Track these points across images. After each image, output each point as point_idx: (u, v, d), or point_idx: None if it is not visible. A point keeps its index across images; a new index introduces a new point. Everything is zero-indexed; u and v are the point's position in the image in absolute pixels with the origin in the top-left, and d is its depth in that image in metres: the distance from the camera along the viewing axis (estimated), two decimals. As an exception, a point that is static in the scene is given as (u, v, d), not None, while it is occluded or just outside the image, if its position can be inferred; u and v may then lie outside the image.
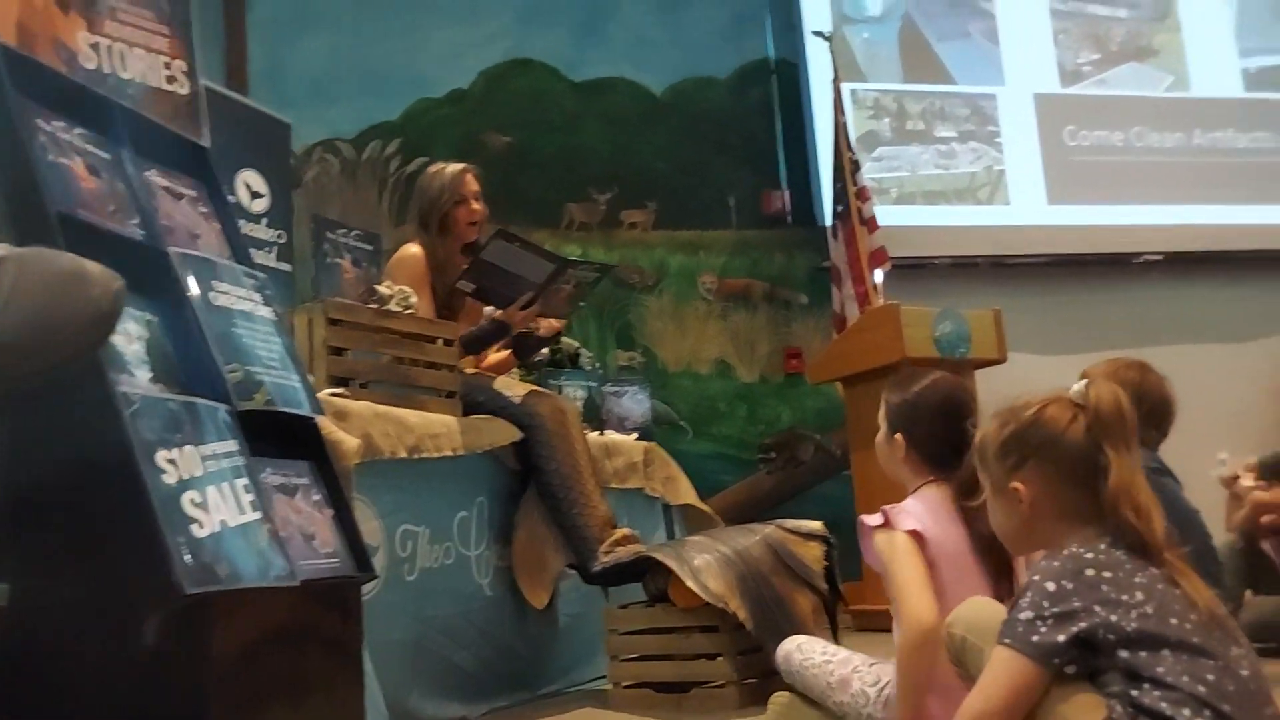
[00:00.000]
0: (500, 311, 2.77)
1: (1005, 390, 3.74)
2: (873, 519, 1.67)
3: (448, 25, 4.91)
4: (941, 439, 1.71)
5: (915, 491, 1.72)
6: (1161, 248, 5.32)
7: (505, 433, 2.60)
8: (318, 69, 4.69)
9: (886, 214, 4.60)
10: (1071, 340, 5.09)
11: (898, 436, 1.75)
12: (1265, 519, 2.74)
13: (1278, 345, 5.47)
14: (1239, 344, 5.41)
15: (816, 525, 2.55)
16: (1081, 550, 1.24)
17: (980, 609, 1.37)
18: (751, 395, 4.95)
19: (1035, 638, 1.18)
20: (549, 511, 2.64)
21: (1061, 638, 1.17)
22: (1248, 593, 2.78)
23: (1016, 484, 1.32)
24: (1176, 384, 5.12)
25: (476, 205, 2.89)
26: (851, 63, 5.08)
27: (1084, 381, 1.34)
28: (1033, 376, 4.29)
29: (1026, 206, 5.23)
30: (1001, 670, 1.20)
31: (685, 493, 3.32)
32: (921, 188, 5.14)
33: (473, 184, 2.90)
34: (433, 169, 2.95)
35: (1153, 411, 2.24)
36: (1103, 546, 1.24)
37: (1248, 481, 2.91)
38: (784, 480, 4.68)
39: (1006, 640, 1.20)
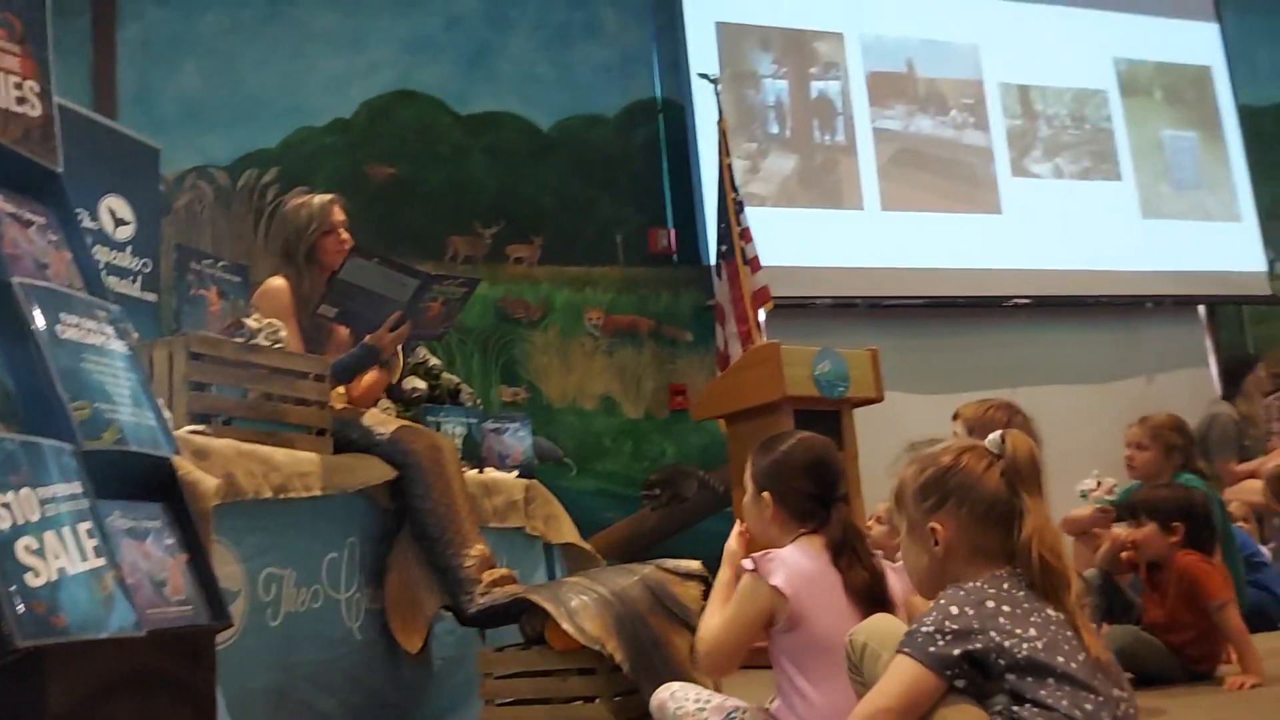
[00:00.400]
0: (369, 337, 2.70)
1: (882, 429, 3.86)
2: (748, 563, 1.68)
3: (332, 54, 4.83)
4: (811, 495, 1.74)
5: (794, 541, 1.73)
6: (1029, 292, 5.54)
7: (378, 471, 2.53)
8: (193, 93, 4.56)
9: (768, 253, 4.67)
10: (944, 380, 5.27)
11: (765, 495, 1.78)
12: (1124, 555, 2.85)
13: (1135, 386, 5.76)
14: (1099, 385, 5.68)
15: (695, 565, 2.55)
16: (987, 585, 1.33)
17: (884, 622, 1.46)
18: (637, 431, 4.95)
19: (932, 648, 1.26)
20: (424, 552, 2.57)
21: (956, 651, 1.25)
22: (1104, 625, 2.88)
23: (934, 524, 1.39)
24: (1042, 423, 5.32)
25: (345, 235, 2.83)
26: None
27: (999, 433, 1.42)
28: (908, 415, 4.45)
29: (904, 251, 5.39)
30: (899, 674, 1.28)
31: (567, 531, 3.29)
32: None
33: (340, 214, 2.85)
34: (296, 200, 2.89)
35: None
36: (1007, 585, 1.32)
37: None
38: (667, 517, 4.68)
39: (906, 649, 1.28)
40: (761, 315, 4.56)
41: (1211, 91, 6.35)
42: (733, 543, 1.85)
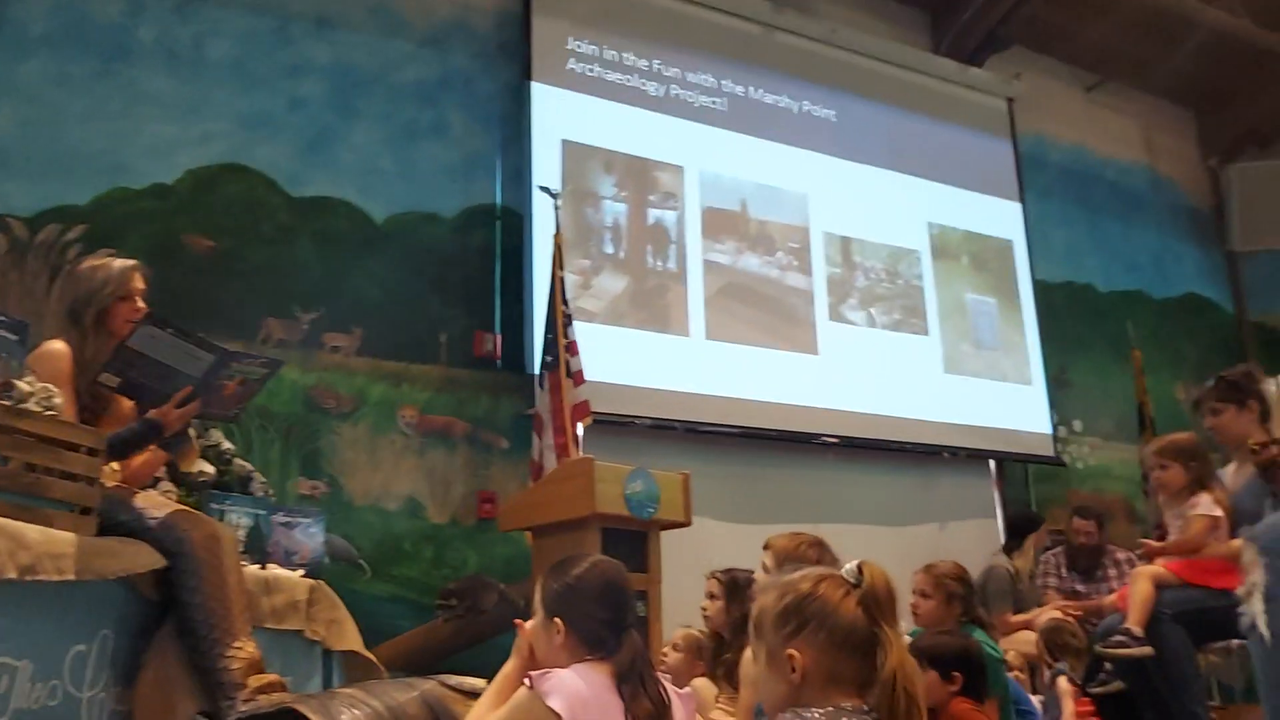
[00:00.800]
0: (152, 410, 2.52)
1: (687, 554, 3.85)
2: (529, 677, 1.62)
3: (162, 119, 4.64)
4: (603, 621, 1.71)
5: (574, 666, 1.68)
6: (838, 432, 5.75)
7: (145, 557, 2.33)
8: (1, 138, 4.27)
9: (592, 368, 4.68)
10: (752, 510, 5.37)
11: (556, 620, 1.73)
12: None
13: (928, 532, 6.02)
14: (896, 528, 5.91)
15: (480, 683, 2.43)
16: (842, 710, 1.33)
17: None
18: (440, 537, 4.78)
19: None
20: (187, 650, 2.37)
21: None
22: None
23: (792, 650, 1.38)
24: (841, 558, 5.42)
25: (141, 304, 2.68)
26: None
27: (855, 562, 1.44)
28: (713, 542, 4.48)
29: (724, 380, 5.52)
30: None
31: (350, 637, 3.10)
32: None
33: (139, 282, 2.71)
34: (95, 261, 2.74)
35: None
36: (865, 708, 1.34)
37: None
38: (463, 629, 4.50)
39: None
40: (580, 429, 4.54)
41: (1012, 263, 6.89)
42: (524, 639, 1.79)
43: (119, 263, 2.71)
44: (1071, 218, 7.50)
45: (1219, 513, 3.42)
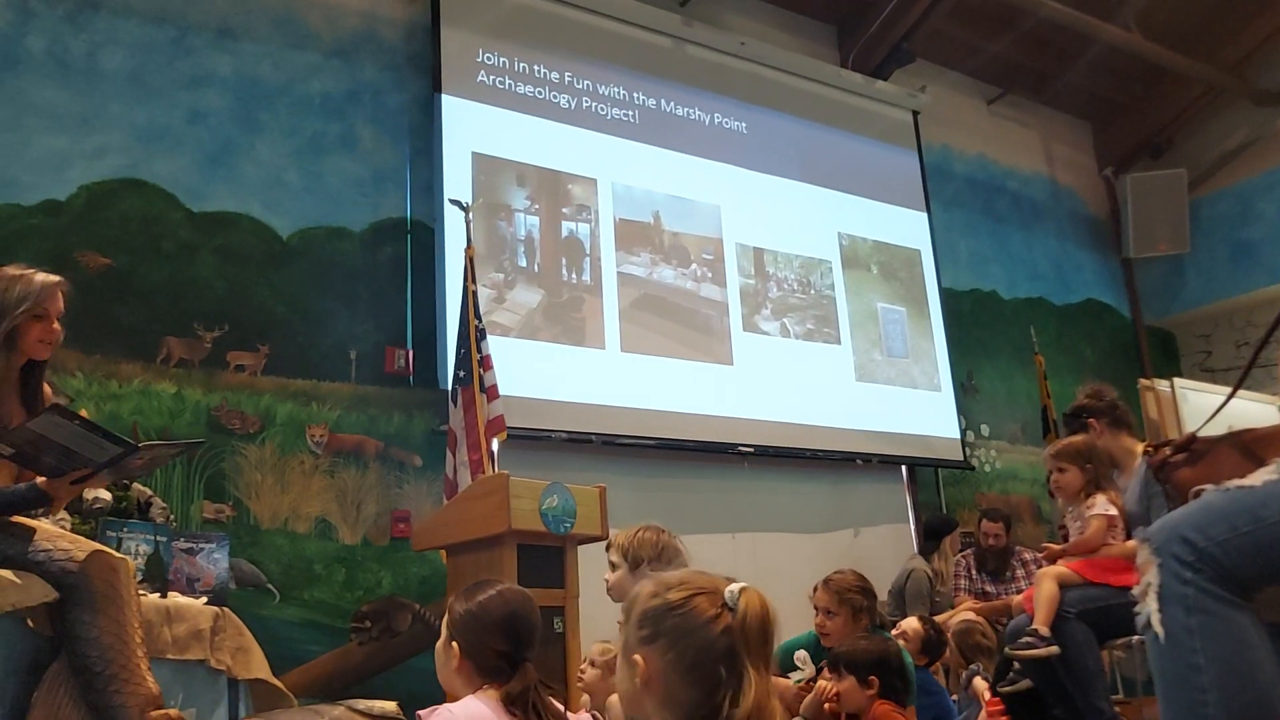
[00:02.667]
0: (44, 480, 2.36)
1: (605, 567, 3.81)
2: (427, 713, 1.60)
3: (54, 131, 4.46)
4: (499, 652, 1.70)
5: (473, 694, 1.67)
6: (754, 441, 5.79)
7: (36, 591, 2.24)
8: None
9: (506, 383, 4.64)
10: (670, 521, 5.32)
11: (454, 645, 1.72)
12: (826, 706, 2.94)
13: (844, 538, 6.11)
14: (813, 535, 5.98)
15: (391, 706, 2.40)
16: None
17: None
18: (352, 558, 4.68)
19: None
20: (81, 688, 2.27)
21: None
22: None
23: (638, 656, 1.29)
24: (759, 568, 5.54)
25: (57, 326, 2.54)
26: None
27: (739, 586, 1.33)
28: (631, 554, 4.37)
29: (640, 393, 5.52)
30: None
31: (257, 665, 3.02)
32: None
33: (60, 302, 2.55)
34: (14, 270, 2.54)
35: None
36: None
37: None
38: (377, 652, 4.42)
39: None
40: (495, 445, 4.49)
41: (920, 272, 7.04)
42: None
43: (42, 277, 2.53)
44: (976, 227, 7.70)
45: (1114, 512, 3.54)
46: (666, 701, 1.29)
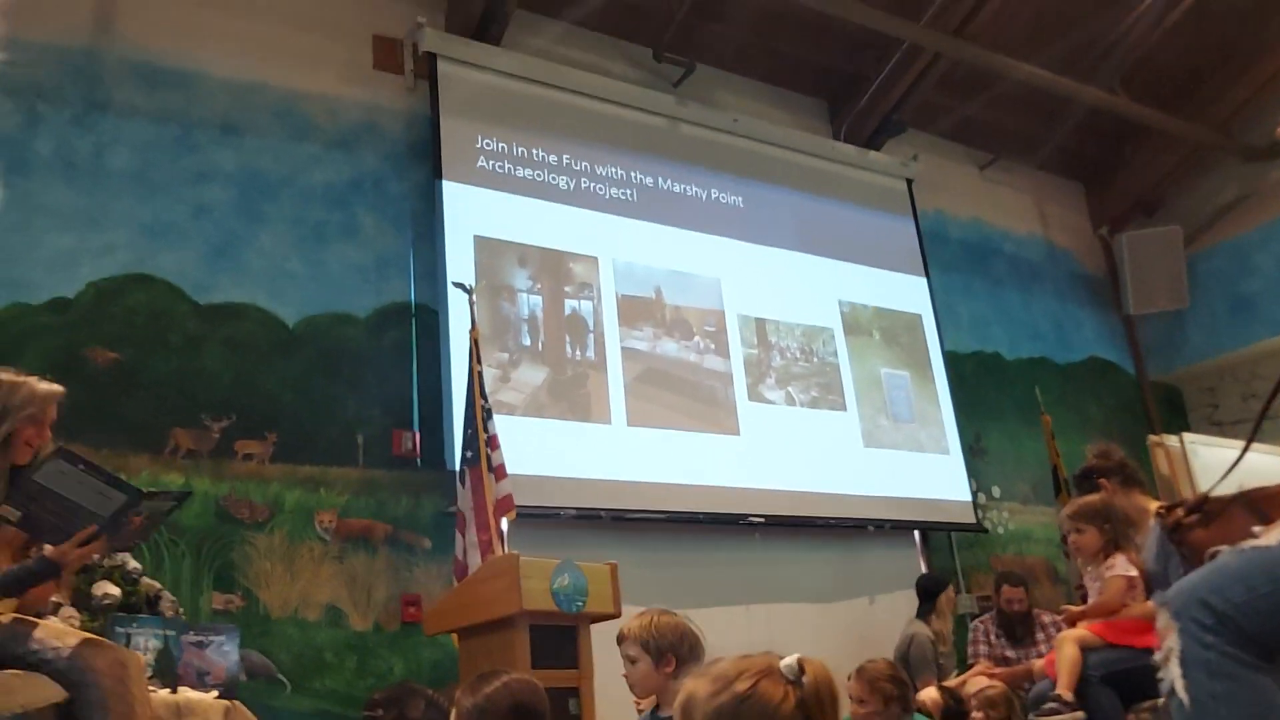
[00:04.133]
0: (51, 549, 2.39)
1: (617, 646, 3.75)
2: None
3: (61, 231, 4.54)
4: None
5: None
6: (763, 511, 5.76)
7: (45, 691, 2.21)
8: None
9: (514, 462, 4.63)
10: (682, 596, 5.30)
11: None
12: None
13: (858, 606, 6.03)
14: (825, 604, 5.90)
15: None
16: None
17: None
18: (364, 645, 4.63)
19: None
20: (92, 788, 2.24)
21: None
22: None
23: None
24: (774, 638, 5.48)
25: (48, 434, 2.59)
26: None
27: (795, 657, 1.31)
28: (645, 632, 4.34)
29: (648, 466, 5.51)
30: None
31: (269, 760, 2.97)
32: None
33: (54, 412, 2.61)
34: (11, 377, 2.59)
35: None
36: None
37: None
38: (391, 741, 4.35)
39: None
40: (504, 524, 4.48)
41: (922, 336, 7.07)
42: None
43: (44, 387, 2.60)
44: (974, 289, 7.75)
45: (1134, 572, 3.51)
46: None
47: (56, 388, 2.63)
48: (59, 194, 4.60)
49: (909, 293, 7.13)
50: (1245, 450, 1.86)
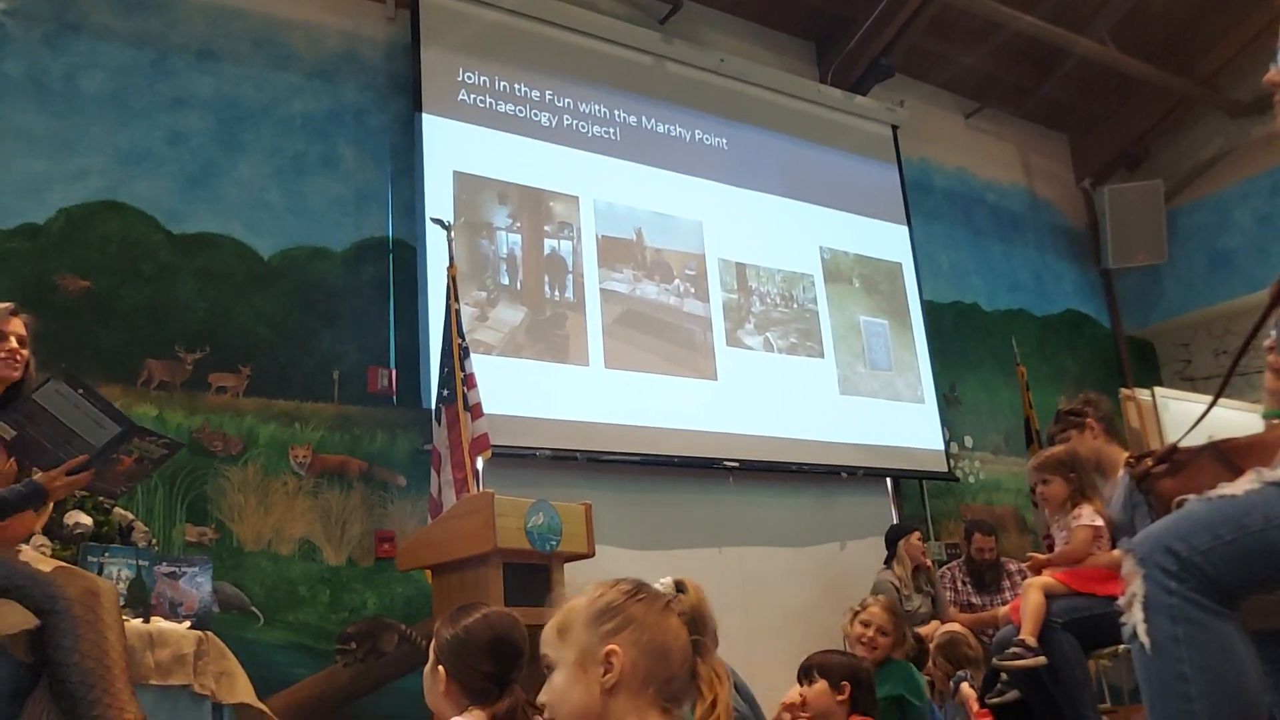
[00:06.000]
0: (41, 474, 2.40)
1: (592, 583, 3.79)
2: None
3: (32, 155, 4.45)
4: (485, 674, 1.70)
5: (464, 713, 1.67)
6: (738, 456, 5.79)
7: (16, 618, 2.22)
8: None
9: (491, 401, 4.62)
10: (656, 537, 5.38)
11: (440, 669, 1.73)
12: (802, 715, 2.94)
13: (829, 551, 6.11)
14: (797, 548, 5.97)
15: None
16: None
17: None
18: (337, 580, 4.65)
19: None
20: (63, 714, 2.25)
21: None
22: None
23: (613, 646, 1.30)
24: (746, 581, 5.53)
25: (15, 346, 2.56)
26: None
27: (670, 578, 1.43)
28: (618, 571, 4.42)
29: (625, 409, 5.52)
30: None
31: (241, 690, 2.99)
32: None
33: (17, 325, 2.59)
34: None
35: None
36: None
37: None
38: (363, 674, 4.38)
39: None
40: (479, 463, 4.48)
41: (902, 285, 7.07)
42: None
43: None
44: (956, 239, 7.75)
45: (1100, 522, 3.56)
46: (644, 686, 1.30)
47: (7, 304, 2.63)
48: (29, 116, 4.49)
49: (890, 241, 7.12)
50: (1213, 403, 1.88)
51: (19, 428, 2.35)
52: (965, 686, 3.90)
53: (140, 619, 2.72)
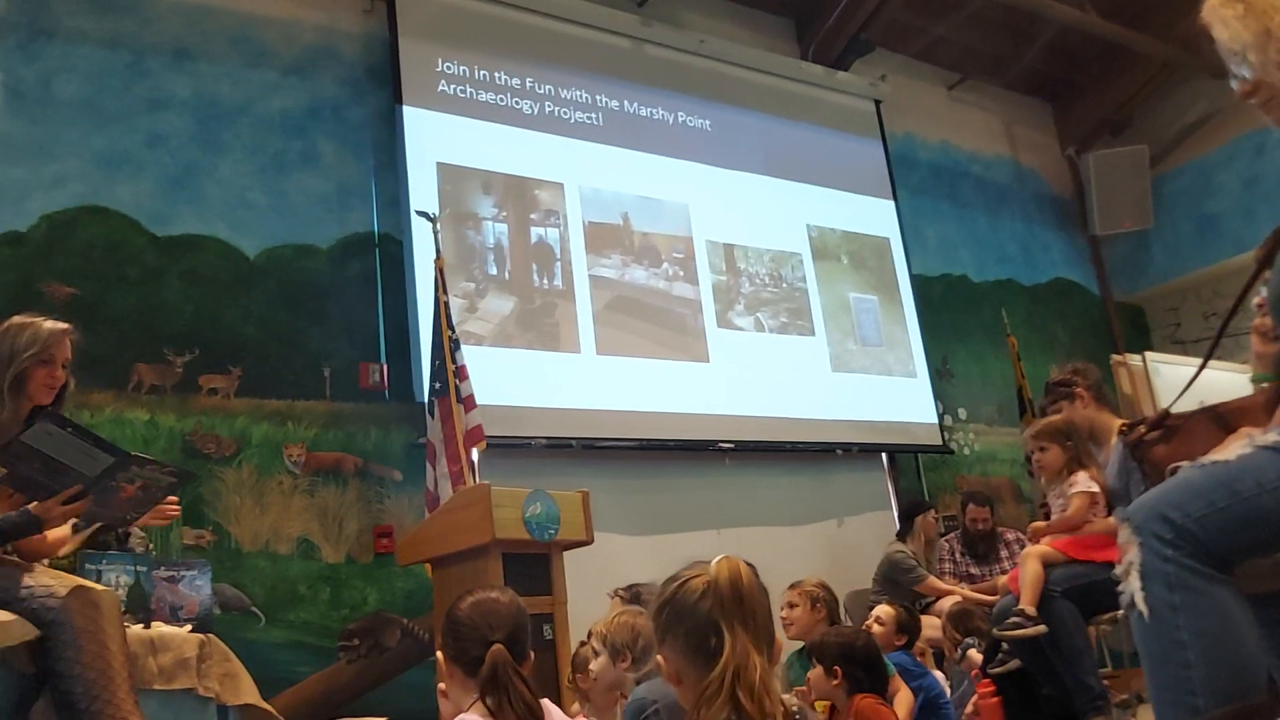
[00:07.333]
0: (36, 504, 2.37)
1: (591, 571, 3.83)
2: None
3: (11, 162, 4.41)
4: (480, 658, 1.68)
5: (471, 707, 1.65)
6: (733, 437, 5.80)
7: (16, 629, 2.21)
8: None
9: (483, 392, 4.62)
10: (653, 521, 5.39)
11: (438, 655, 1.72)
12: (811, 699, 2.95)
13: (827, 529, 6.13)
14: (794, 527, 5.99)
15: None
16: None
17: None
18: (336, 577, 4.65)
19: None
20: (66, 724, 2.24)
21: None
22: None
23: (660, 656, 1.35)
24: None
25: (61, 373, 2.57)
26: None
27: (720, 557, 1.40)
28: (617, 557, 4.47)
29: (617, 394, 5.52)
30: None
31: (245, 691, 2.98)
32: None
33: (67, 351, 2.61)
34: (21, 320, 2.62)
35: None
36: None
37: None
38: (366, 669, 4.40)
39: None
40: (474, 455, 4.48)
41: (890, 260, 7.07)
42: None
43: (49, 325, 2.61)
44: (943, 212, 7.75)
45: (1096, 489, 3.57)
46: (689, 688, 1.33)
47: (61, 325, 2.64)
48: (6, 124, 4.46)
49: (877, 216, 7.11)
50: (1203, 365, 1.88)
51: (10, 466, 2.32)
52: (973, 652, 3.92)
53: (141, 625, 2.72)
